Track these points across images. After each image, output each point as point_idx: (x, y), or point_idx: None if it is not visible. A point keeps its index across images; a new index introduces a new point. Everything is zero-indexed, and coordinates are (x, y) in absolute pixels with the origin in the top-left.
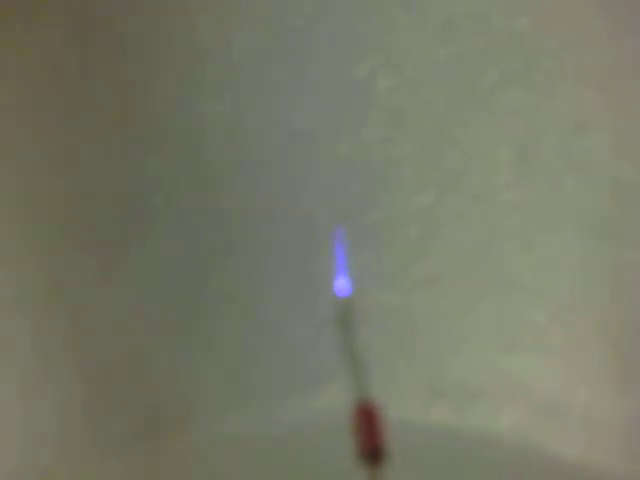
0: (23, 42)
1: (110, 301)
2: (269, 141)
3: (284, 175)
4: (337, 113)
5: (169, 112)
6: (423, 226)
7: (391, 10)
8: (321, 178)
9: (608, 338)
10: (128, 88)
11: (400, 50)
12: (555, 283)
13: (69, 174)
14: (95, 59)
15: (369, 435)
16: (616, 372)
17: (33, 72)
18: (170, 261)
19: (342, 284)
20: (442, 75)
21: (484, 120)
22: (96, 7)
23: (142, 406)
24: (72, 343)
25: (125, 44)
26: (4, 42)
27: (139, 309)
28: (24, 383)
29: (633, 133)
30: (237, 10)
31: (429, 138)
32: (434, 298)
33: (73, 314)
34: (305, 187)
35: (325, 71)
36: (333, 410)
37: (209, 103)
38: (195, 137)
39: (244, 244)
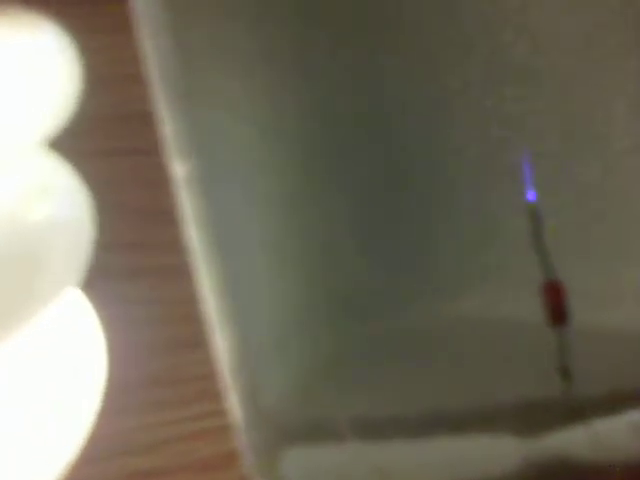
0: None
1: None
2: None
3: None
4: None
5: None
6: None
7: None
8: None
9: None
10: None
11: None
12: None
13: None
14: None
15: (556, 302)
16: None
17: None
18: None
19: (530, 192)
20: (570, 42)
21: (603, 79)
22: None
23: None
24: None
25: None
26: None
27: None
28: None
29: None
30: None
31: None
32: (563, 222)
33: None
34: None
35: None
36: (522, 291)
37: None
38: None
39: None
